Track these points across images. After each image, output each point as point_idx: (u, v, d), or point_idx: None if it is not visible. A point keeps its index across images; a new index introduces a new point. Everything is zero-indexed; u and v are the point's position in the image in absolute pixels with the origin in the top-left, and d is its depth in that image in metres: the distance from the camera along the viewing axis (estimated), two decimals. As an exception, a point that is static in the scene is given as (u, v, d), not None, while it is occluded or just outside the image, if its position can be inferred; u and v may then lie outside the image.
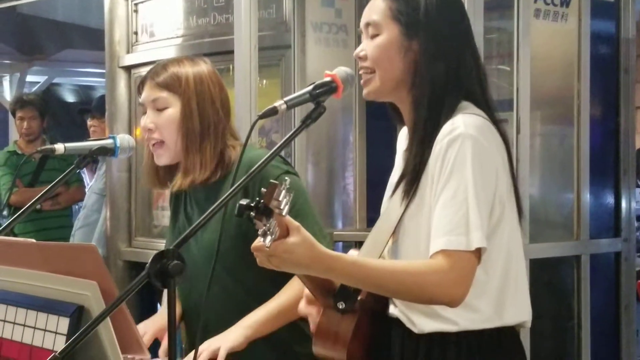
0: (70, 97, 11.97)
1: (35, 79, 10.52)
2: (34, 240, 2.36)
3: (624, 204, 3.76)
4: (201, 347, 2.32)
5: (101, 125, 5.45)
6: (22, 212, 2.70)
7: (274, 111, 2.05)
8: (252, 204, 1.81)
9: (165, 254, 1.87)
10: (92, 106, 5.80)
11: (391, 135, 3.50)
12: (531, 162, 3.32)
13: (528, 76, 3.24)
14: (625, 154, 3.76)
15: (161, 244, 4.21)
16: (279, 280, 2.48)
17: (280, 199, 1.82)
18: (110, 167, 4.85)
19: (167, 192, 4.34)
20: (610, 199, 3.77)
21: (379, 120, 3.79)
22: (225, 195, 2.00)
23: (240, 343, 2.37)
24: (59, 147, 2.58)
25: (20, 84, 9.94)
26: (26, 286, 2.23)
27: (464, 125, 2.03)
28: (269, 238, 1.87)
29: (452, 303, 2.02)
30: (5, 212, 5.55)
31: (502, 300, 2.10)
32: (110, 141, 2.59)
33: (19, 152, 6.09)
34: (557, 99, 3.56)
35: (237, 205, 1.83)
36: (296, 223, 1.91)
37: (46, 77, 10.66)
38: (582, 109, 3.52)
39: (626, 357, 3.73)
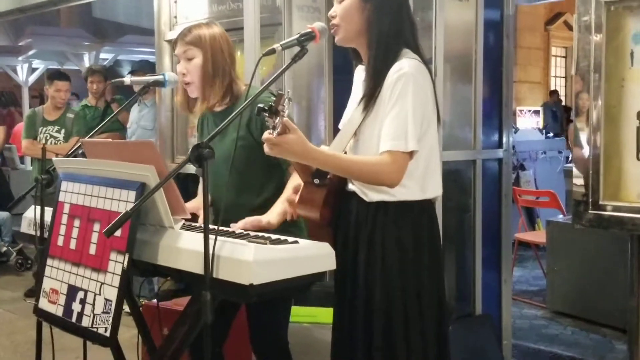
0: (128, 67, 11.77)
1: (106, 56, 10.38)
2: (111, 140, 2.36)
3: (504, 126, 3.77)
4: (248, 219, 2.33)
5: None
6: (99, 128, 2.70)
7: (273, 51, 2.07)
8: (267, 107, 1.84)
9: (201, 145, 1.88)
10: (134, 68, 5.69)
11: (349, 85, 3.51)
12: (444, 98, 3.31)
13: (442, 39, 3.20)
14: (507, 91, 3.74)
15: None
16: (271, 175, 2.53)
17: (284, 104, 1.84)
18: (159, 108, 4.80)
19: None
20: (496, 122, 3.77)
21: (342, 74, 3.77)
22: (238, 110, 2.03)
23: (274, 225, 2.36)
24: (127, 79, 2.57)
25: (96, 60, 9.81)
26: (106, 171, 2.23)
27: (407, 66, 2.06)
28: (276, 131, 1.89)
29: (392, 185, 2.08)
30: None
31: (424, 181, 2.14)
32: (161, 77, 2.58)
33: (89, 104, 6.05)
34: (461, 55, 3.52)
35: (257, 107, 1.86)
36: (294, 125, 1.96)
37: (113, 54, 10.54)
38: (477, 62, 3.50)
39: (505, 228, 3.78)
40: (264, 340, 2.62)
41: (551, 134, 8.43)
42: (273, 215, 2.39)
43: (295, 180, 2.43)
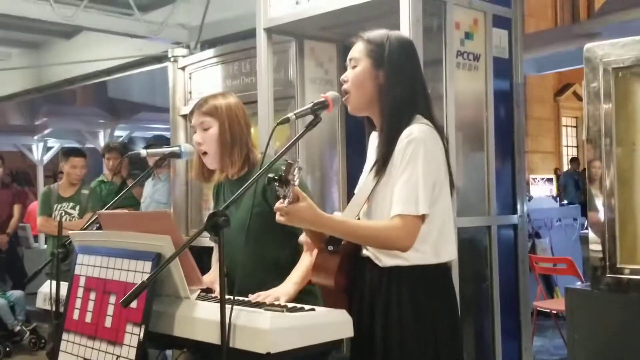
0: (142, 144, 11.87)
1: (121, 133, 10.53)
2: (127, 211, 2.39)
3: (518, 192, 3.76)
4: (264, 294, 2.32)
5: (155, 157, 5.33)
6: (115, 200, 2.72)
7: (287, 119, 2.10)
8: (277, 177, 1.86)
9: (216, 214, 1.90)
10: (149, 143, 5.80)
11: (362, 153, 3.54)
12: (457, 166, 3.29)
13: (453, 108, 3.23)
14: (519, 158, 3.74)
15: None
16: (287, 243, 2.53)
17: (294, 173, 1.86)
18: (174, 182, 4.87)
19: (211, 198, 4.36)
20: (509, 189, 3.76)
21: (355, 143, 3.83)
22: (252, 179, 2.04)
23: (292, 295, 2.37)
24: (143, 151, 2.62)
25: (111, 137, 9.96)
26: (121, 242, 2.24)
27: (417, 131, 2.08)
28: (286, 200, 1.91)
29: (403, 250, 2.08)
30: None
31: (438, 245, 2.14)
32: (177, 148, 2.63)
33: (106, 180, 6.12)
34: (472, 124, 3.54)
35: (267, 177, 1.88)
36: (304, 194, 1.97)
37: (128, 132, 10.71)
38: (489, 130, 3.52)
39: (523, 294, 3.73)
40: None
41: (565, 202, 8.42)
42: (289, 285, 2.39)
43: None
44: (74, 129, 10.23)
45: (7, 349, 6.25)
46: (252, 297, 2.31)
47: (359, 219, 2.20)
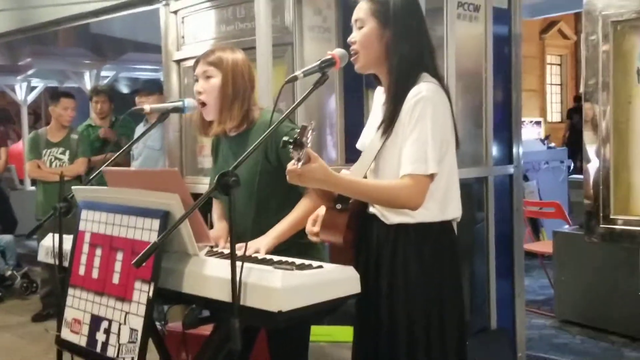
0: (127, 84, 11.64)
1: (107, 74, 10.30)
2: (134, 168, 2.37)
3: (514, 142, 3.78)
4: (251, 246, 2.34)
5: (147, 100, 5.10)
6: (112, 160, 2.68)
7: (295, 78, 2.09)
8: (292, 140, 1.85)
9: (227, 174, 1.90)
10: (141, 87, 5.69)
11: (360, 103, 3.51)
12: (457, 116, 3.31)
13: (454, 60, 3.20)
14: (516, 109, 3.74)
15: (203, 179, 4.19)
16: (289, 198, 2.54)
17: (308, 136, 1.86)
18: (167, 129, 4.80)
19: (206, 145, 4.31)
20: (505, 136, 3.78)
21: (352, 93, 3.79)
22: (262, 137, 2.02)
23: (270, 247, 2.42)
24: (146, 107, 2.59)
25: (97, 78, 9.77)
26: (128, 200, 2.24)
27: (425, 90, 2.08)
28: (300, 162, 1.91)
29: (414, 208, 2.10)
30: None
31: (444, 202, 2.16)
32: (180, 103, 2.60)
33: (93, 124, 6.03)
34: (472, 73, 3.52)
35: (282, 140, 1.87)
36: (316, 154, 1.98)
37: (114, 72, 10.49)
38: (487, 79, 3.51)
39: (517, 242, 3.79)
40: (285, 360, 2.64)
41: (553, 145, 8.49)
42: (269, 239, 2.44)
43: (303, 204, 2.47)
44: (58, 69, 10.04)
45: (-1, 294, 6.28)
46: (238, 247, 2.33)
47: (366, 177, 2.21)
